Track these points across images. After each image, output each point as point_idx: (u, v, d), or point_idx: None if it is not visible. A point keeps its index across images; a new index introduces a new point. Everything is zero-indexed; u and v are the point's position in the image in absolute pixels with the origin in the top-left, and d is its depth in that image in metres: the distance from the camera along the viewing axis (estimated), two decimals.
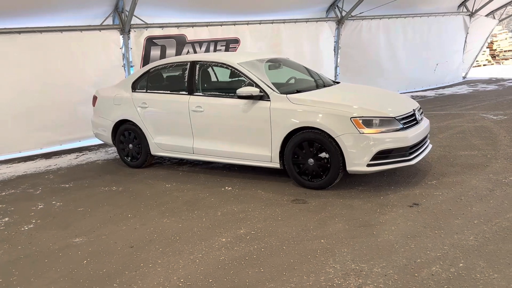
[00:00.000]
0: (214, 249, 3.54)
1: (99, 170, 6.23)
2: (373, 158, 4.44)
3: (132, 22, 8.16)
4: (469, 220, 3.72)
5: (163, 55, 8.59)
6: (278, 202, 4.46)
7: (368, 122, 4.46)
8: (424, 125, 4.96)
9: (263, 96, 4.93)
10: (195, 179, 5.43)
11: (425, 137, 5.01)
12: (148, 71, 5.96)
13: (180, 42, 8.71)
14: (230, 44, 9.32)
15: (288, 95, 4.86)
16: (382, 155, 4.46)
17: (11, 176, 6.26)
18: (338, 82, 5.92)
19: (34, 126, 7.49)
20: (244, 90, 4.88)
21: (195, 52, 8.90)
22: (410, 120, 4.73)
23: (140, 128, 5.88)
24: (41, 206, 4.87)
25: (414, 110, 4.85)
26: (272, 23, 9.77)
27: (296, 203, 4.40)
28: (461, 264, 3.03)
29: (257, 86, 4.98)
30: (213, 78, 5.59)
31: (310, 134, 4.62)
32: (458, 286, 2.76)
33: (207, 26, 8.98)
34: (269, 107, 4.85)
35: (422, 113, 5.18)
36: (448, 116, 8.20)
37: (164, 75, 5.94)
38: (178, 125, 5.55)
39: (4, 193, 5.46)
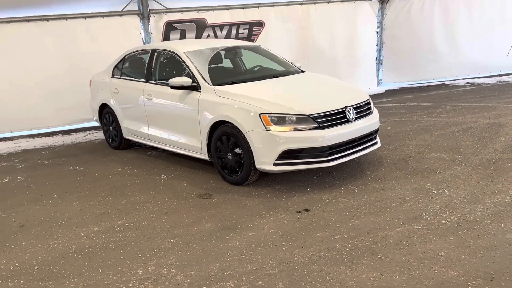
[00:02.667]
0: (78, 237, 3.73)
1: (87, 149, 6.74)
2: (281, 158, 4.19)
3: (152, 7, 8.51)
4: (334, 234, 3.38)
5: (182, 39, 8.80)
6: (185, 196, 4.46)
7: (280, 119, 4.21)
8: (361, 124, 4.50)
9: (197, 87, 4.89)
10: (148, 165, 5.62)
11: (364, 137, 4.55)
12: (123, 58, 6.24)
13: (200, 26, 8.84)
14: (254, 27, 9.19)
15: (216, 87, 4.75)
16: (291, 154, 4.19)
17: (20, 149, 7.07)
18: (303, 71, 5.60)
19: (61, 105, 8.28)
20: (175, 81, 4.89)
21: (215, 36, 8.97)
22: (336, 118, 4.33)
23: (114, 112, 6.22)
24: (6, 180, 5.48)
25: (346, 107, 4.42)
26: (301, 4, 9.38)
27: (200, 198, 4.37)
28: (260, 282, 2.81)
29: (193, 76, 4.94)
30: (169, 67, 5.62)
31: (228, 129, 4.50)
32: None
33: (228, 9, 8.96)
34: (198, 98, 4.81)
35: (366, 109, 4.68)
36: (473, 110, 7.21)
37: (133, 63, 6.15)
38: (137, 112, 5.77)
39: None
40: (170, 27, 8.69)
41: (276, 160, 4.20)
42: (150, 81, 5.57)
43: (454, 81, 10.52)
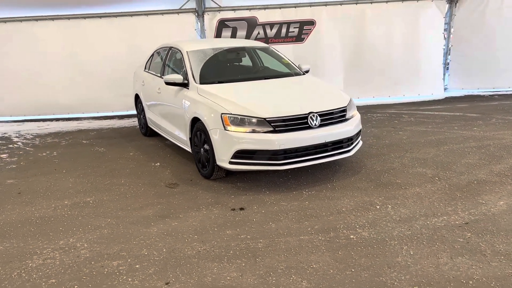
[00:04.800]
0: (48, 207, 4.37)
1: (124, 133, 7.54)
2: (236, 157, 4.40)
3: (207, 6, 9.07)
4: (240, 234, 3.54)
5: (233, 37, 9.24)
6: (156, 183, 4.89)
7: (240, 120, 4.41)
8: (325, 131, 4.48)
9: (187, 84, 5.27)
10: (155, 152, 6.16)
11: (333, 143, 4.52)
12: (153, 54, 6.86)
13: (251, 24, 9.19)
14: (305, 26, 9.25)
15: (199, 85, 5.09)
16: (245, 154, 4.38)
17: (77, 129, 8.14)
18: (304, 74, 5.69)
19: (123, 92, 9.27)
20: (169, 77, 5.32)
21: (265, 33, 9.24)
22: (295, 123, 4.40)
23: (142, 103, 6.89)
24: (44, 154, 6.44)
25: (310, 113, 4.45)
26: (356, 3, 9.18)
27: (166, 187, 4.76)
28: (138, 266, 3.13)
29: (186, 74, 5.34)
30: (175, 64, 6.03)
31: (200, 125, 4.82)
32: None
33: (280, 8, 9.16)
34: (185, 95, 5.20)
35: (338, 117, 4.62)
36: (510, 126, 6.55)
37: (157, 58, 6.72)
38: (154, 103, 6.34)
39: (49, 141, 7.29)
40: (222, 24, 9.16)
41: (231, 158, 4.41)
42: (162, 76, 6.08)
43: None
